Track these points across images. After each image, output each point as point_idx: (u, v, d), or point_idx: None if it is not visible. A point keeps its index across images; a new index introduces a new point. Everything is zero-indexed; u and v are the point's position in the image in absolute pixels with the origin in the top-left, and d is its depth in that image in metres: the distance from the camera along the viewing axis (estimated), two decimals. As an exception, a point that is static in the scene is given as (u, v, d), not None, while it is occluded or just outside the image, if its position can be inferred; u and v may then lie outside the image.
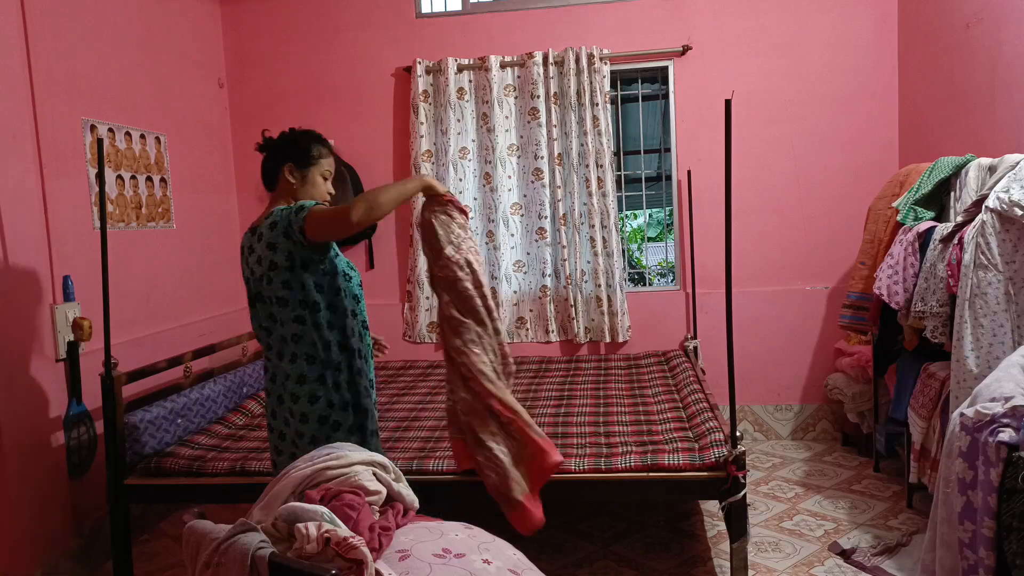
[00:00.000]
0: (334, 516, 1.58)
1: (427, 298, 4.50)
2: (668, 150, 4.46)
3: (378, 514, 1.77)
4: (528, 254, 4.46)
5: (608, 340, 4.38)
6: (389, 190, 2.10)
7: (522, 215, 4.44)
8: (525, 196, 4.43)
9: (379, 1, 4.50)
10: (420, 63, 4.39)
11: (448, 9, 4.51)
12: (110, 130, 3.46)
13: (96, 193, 3.26)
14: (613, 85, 4.47)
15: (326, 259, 2.21)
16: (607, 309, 4.36)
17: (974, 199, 2.65)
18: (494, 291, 4.46)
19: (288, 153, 2.26)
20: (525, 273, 4.48)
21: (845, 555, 2.90)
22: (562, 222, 4.33)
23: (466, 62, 4.39)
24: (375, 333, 2.49)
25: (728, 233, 2.46)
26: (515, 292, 4.49)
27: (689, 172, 4.29)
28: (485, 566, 1.55)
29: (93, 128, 3.33)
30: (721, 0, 4.26)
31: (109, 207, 3.42)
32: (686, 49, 4.29)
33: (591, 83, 4.24)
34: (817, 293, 4.32)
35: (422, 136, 4.40)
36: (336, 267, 2.24)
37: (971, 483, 1.79)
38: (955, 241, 2.62)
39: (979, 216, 2.50)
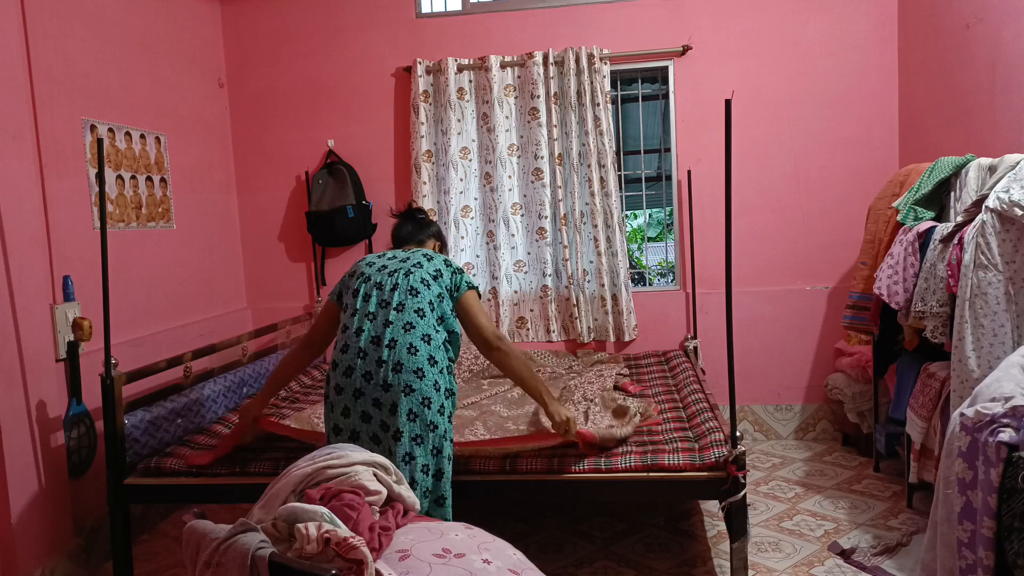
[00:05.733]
0: (334, 516, 1.58)
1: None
2: (668, 150, 4.46)
3: (378, 514, 1.77)
4: (529, 254, 4.46)
5: (613, 339, 4.38)
6: (534, 380, 2.50)
7: (522, 215, 4.44)
8: (525, 196, 4.43)
9: (379, 1, 4.50)
10: (420, 63, 4.39)
11: (448, 9, 4.51)
12: (110, 130, 3.46)
13: (96, 193, 3.26)
14: (613, 85, 4.47)
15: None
16: (612, 308, 4.36)
17: (974, 199, 2.65)
18: (495, 291, 4.47)
19: (441, 239, 2.82)
20: (525, 273, 4.48)
21: (845, 555, 2.90)
22: (563, 222, 4.33)
23: (466, 62, 4.39)
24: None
25: (728, 233, 2.46)
26: (515, 292, 4.49)
27: (689, 172, 4.29)
28: (485, 566, 1.55)
29: (93, 128, 3.33)
30: (721, 0, 4.26)
31: (109, 207, 3.42)
32: (686, 49, 4.29)
33: (591, 83, 4.24)
34: (817, 293, 4.32)
35: (422, 136, 4.40)
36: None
37: (971, 483, 1.79)
38: (955, 241, 2.62)
39: (979, 216, 2.50)
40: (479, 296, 2.53)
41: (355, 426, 2.32)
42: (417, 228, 2.72)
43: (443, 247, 2.86)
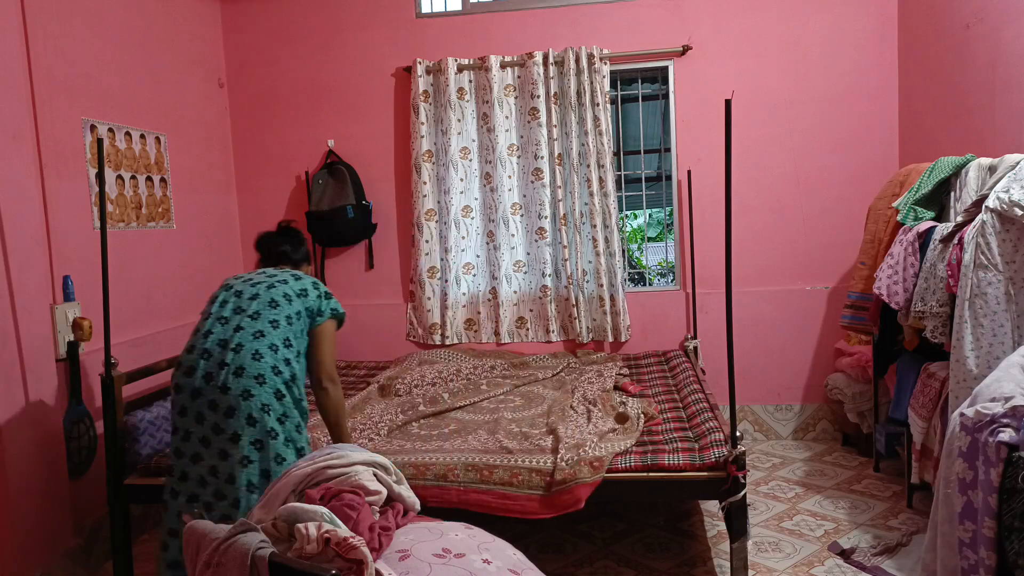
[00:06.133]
0: (334, 516, 1.58)
1: (428, 298, 4.51)
2: (668, 150, 4.46)
3: (378, 514, 1.77)
4: (528, 254, 4.46)
5: (611, 340, 4.38)
6: (344, 432, 2.48)
7: (522, 215, 4.44)
8: (525, 196, 4.43)
9: (379, 1, 4.50)
10: (420, 63, 4.39)
11: (448, 9, 4.51)
12: (110, 130, 3.46)
13: (96, 193, 3.26)
14: (613, 85, 4.47)
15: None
16: (610, 309, 4.36)
17: (974, 199, 2.65)
18: (495, 291, 4.47)
19: (310, 262, 2.77)
20: (525, 273, 4.48)
21: (845, 555, 2.90)
22: (563, 222, 4.33)
23: (466, 62, 4.39)
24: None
25: (728, 233, 2.46)
26: (515, 292, 4.49)
27: (689, 172, 4.29)
28: (485, 566, 1.55)
29: (93, 128, 3.33)
30: (721, 0, 4.26)
31: (109, 207, 3.42)
32: (686, 49, 4.29)
33: (591, 83, 4.24)
34: (817, 293, 4.32)
35: (422, 136, 4.40)
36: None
37: (971, 483, 1.79)
38: (955, 241, 2.62)
39: (979, 216, 2.50)
40: (339, 326, 2.52)
41: (188, 426, 2.29)
42: (294, 247, 2.68)
43: (309, 265, 2.83)
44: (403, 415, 3.30)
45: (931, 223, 2.95)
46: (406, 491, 1.89)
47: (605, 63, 4.27)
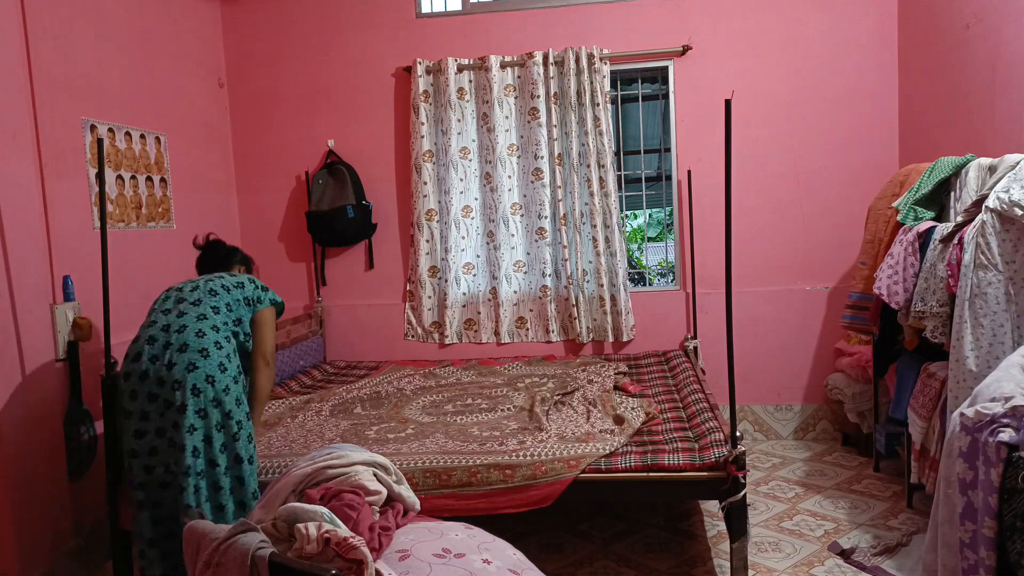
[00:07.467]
0: (334, 516, 1.59)
1: (428, 297, 4.51)
2: (668, 150, 4.46)
3: (378, 514, 1.77)
4: (528, 254, 4.46)
5: (612, 340, 4.38)
6: (263, 403, 2.76)
7: (522, 215, 4.44)
8: (525, 196, 4.43)
9: (379, 1, 4.50)
10: (420, 63, 4.39)
11: (448, 9, 4.51)
12: (110, 130, 3.46)
13: (96, 193, 3.26)
14: (613, 85, 4.47)
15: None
16: (611, 309, 4.36)
17: (974, 199, 2.65)
18: (495, 291, 4.46)
19: (246, 264, 3.01)
20: (525, 273, 4.48)
21: (845, 555, 2.90)
22: (563, 222, 4.33)
23: (466, 62, 4.39)
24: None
25: (728, 233, 2.46)
26: (515, 292, 4.49)
27: (689, 172, 4.29)
28: (485, 566, 1.55)
29: (93, 128, 3.33)
30: (721, 0, 4.26)
31: (109, 207, 3.42)
32: (686, 49, 4.29)
33: (591, 83, 4.24)
34: (817, 293, 4.32)
35: (423, 136, 4.40)
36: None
37: (971, 483, 1.79)
38: (955, 241, 2.62)
39: (979, 216, 2.50)
40: (278, 315, 2.78)
41: (143, 407, 2.43)
42: (221, 262, 2.89)
43: (248, 270, 3.03)
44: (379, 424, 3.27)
45: (931, 223, 2.95)
46: (406, 491, 1.90)
47: (605, 63, 4.27)
